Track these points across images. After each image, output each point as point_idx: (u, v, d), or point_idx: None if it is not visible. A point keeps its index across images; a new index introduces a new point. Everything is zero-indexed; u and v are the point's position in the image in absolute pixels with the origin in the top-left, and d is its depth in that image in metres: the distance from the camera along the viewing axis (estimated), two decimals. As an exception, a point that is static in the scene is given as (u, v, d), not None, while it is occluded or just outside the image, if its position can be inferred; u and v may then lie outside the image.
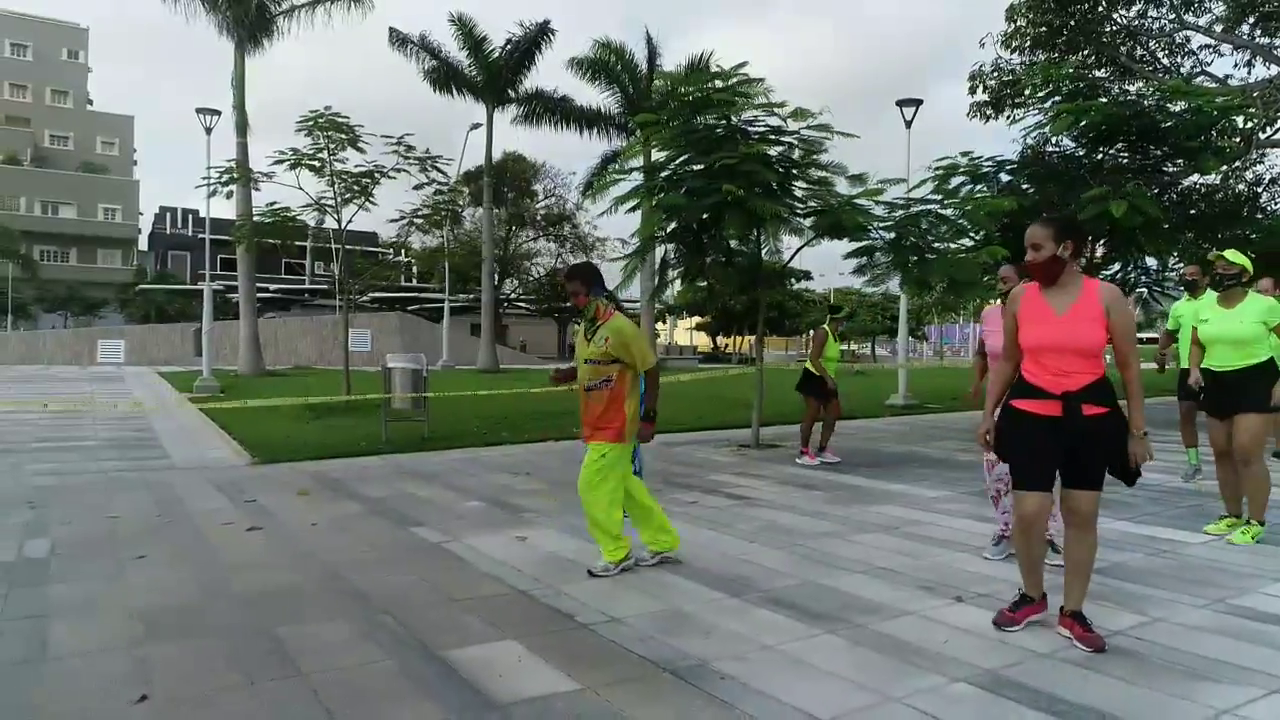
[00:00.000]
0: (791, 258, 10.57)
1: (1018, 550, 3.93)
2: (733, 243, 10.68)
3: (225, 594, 4.38)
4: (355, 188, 13.31)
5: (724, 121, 10.16)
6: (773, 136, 10.00)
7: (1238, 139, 13.67)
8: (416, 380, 10.56)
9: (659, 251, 10.74)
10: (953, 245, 10.49)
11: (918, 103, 15.71)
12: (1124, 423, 3.60)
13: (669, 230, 10.26)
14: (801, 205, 10.15)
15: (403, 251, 50.58)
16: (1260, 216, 15.82)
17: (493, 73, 28.10)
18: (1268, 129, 14.81)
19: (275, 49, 48.95)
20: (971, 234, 10.61)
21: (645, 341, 4.81)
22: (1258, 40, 15.67)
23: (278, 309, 46.33)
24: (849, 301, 42.40)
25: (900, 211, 10.09)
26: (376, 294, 42.65)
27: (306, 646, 3.60)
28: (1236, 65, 16.33)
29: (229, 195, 15.42)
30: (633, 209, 10.36)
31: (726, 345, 59.61)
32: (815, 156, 10.13)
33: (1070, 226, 3.73)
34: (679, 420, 12.41)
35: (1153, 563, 4.95)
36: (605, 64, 26.74)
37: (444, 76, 28.23)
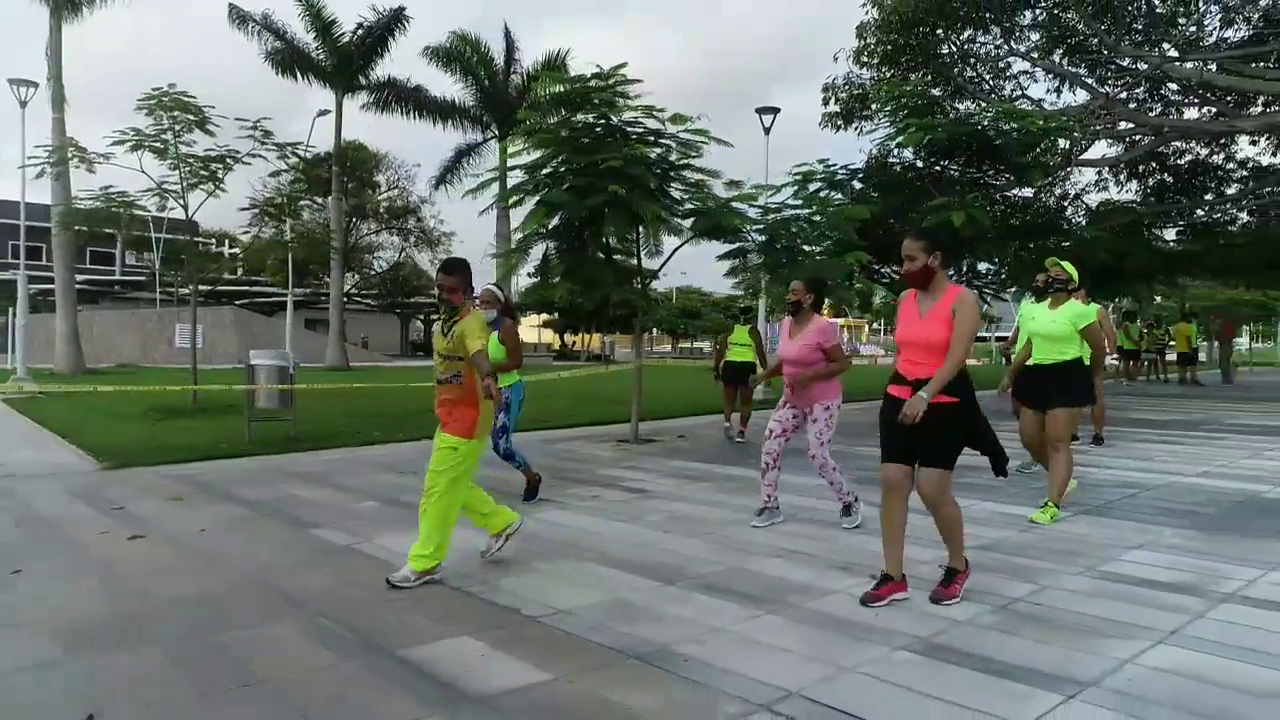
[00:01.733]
0: (669, 258, 10.86)
1: (882, 521, 4.20)
2: (612, 240, 10.85)
3: (143, 604, 4.09)
4: (204, 172, 12.48)
5: (603, 121, 10.31)
6: (652, 139, 10.24)
7: (1059, 157, 15.21)
8: (283, 378, 10.06)
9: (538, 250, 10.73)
10: (818, 249, 11.10)
11: (775, 110, 16.45)
12: (968, 413, 4.00)
13: (550, 228, 10.29)
14: (679, 206, 10.45)
15: (226, 242, 47.58)
16: (1065, 228, 17.66)
17: (343, 58, 26.90)
18: (1082, 149, 16.54)
19: (96, 18, 44.78)
20: (833, 238, 11.24)
21: (484, 340, 4.55)
22: (1067, 68, 17.43)
23: (86, 302, 42.37)
24: (699, 302, 43.54)
25: (773, 215, 10.58)
26: (205, 287, 39.85)
27: (254, 653, 3.45)
28: (1048, 90, 17.98)
29: (57, 177, 14.02)
30: (513, 204, 10.32)
31: (574, 343, 59.83)
32: (691, 160, 10.47)
33: (939, 240, 4.14)
34: (557, 417, 12.46)
35: (1026, 538, 5.49)
36: (461, 55, 26.23)
37: (288, 59, 26.76)
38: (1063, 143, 14.12)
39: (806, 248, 10.67)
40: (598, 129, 10.29)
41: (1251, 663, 3.38)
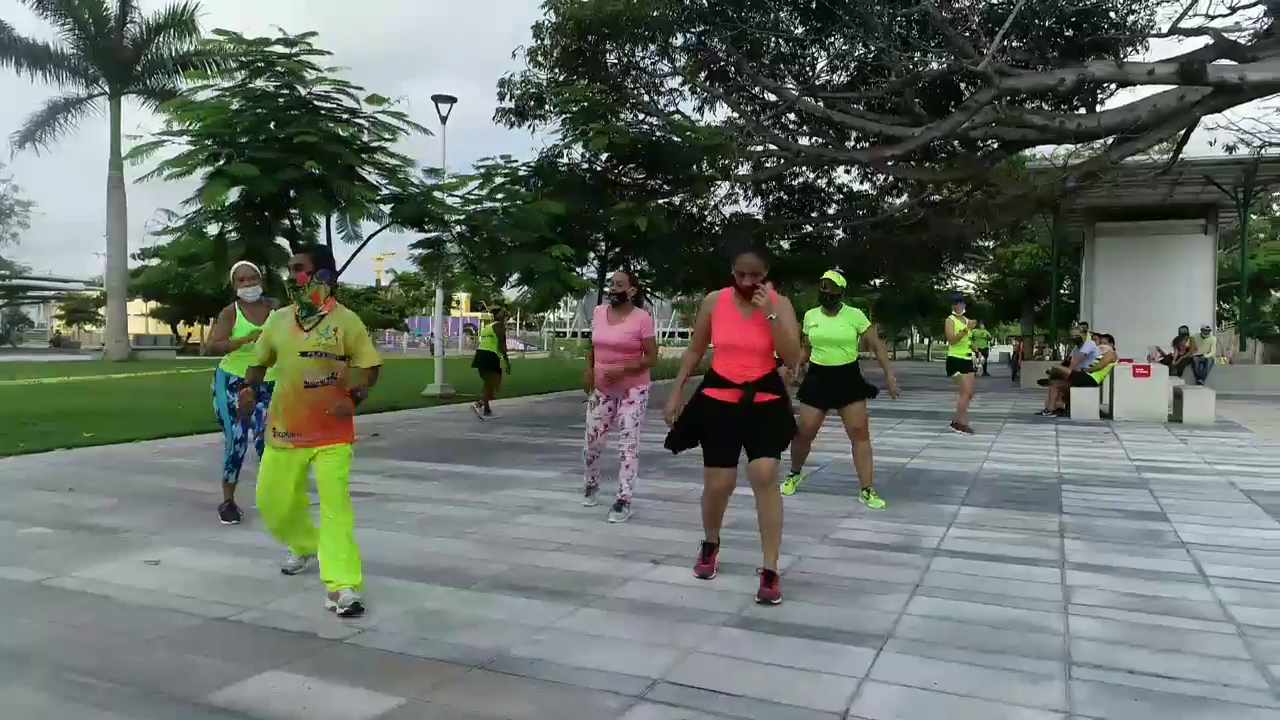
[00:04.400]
0: (364, 245, 10.19)
1: (706, 510, 4.54)
2: (296, 224, 9.95)
3: None
4: None
5: (286, 92, 9.44)
6: (345, 116, 9.58)
7: (720, 170, 16.83)
8: None
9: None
10: (516, 243, 11.16)
11: (452, 100, 16.17)
12: (787, 405, 4.45)
13: (227, 204, 9.14)
14: (375, 192, 9.89)
15: None
16: (712, 234, 19.68)
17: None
18: (738, 164, 18.45)
19: None
20: (532, 233, 11.38)
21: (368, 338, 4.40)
22: (714, 89, 19.32)
23: None
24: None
25: (474, 207, 10.43)
26: None
27: (6, 729, 2.70)
28: (694, 109, 19.78)
29: None
30: (179, 175, 8.99)
31: (190, 334, 53.29)
32: (385, 143, 9.97)
33: (768, 256, 4.48)
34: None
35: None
36: (60, -8, 22.09)
37: None
38: (720, 158, 15.64)
39: (508, 241, 10.65)
40: (280, 100, 9.40)
41: (982, 602, 4.11)
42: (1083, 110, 17.45)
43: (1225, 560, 4.91)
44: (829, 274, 6.73)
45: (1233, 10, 15.29)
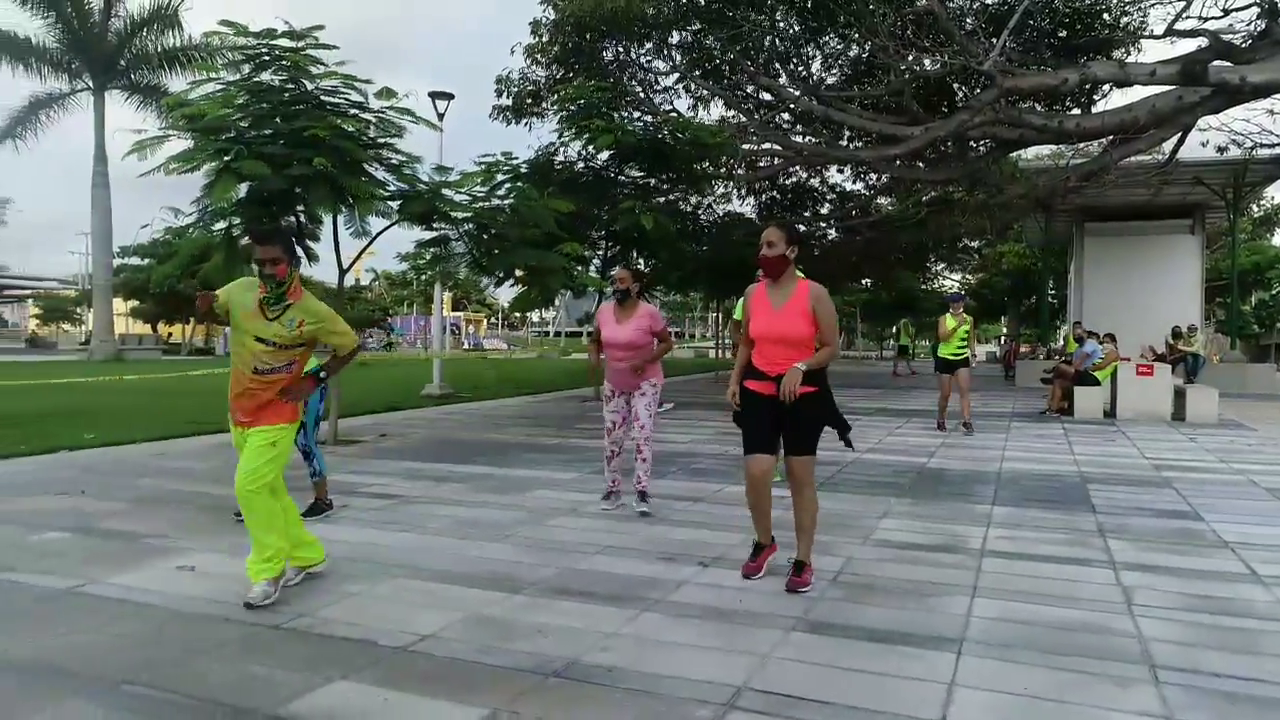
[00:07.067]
0: (371, 241, 10.01)
1: (750, 504, 4.49)
2: (303, 219, 9.76)
3: None
4: None
5: (292, 86, 9.26)
6: (354, 112, 9.41)
7: (723, 168, 16.76)
8: None
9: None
10: (523, 240, 11.01)
11: (450, 96, 15.97)
12: (827, 399, 4.37)
13: (234, 202, 8.94)
14: (382, 188, 9.71)
15: None
16: (707, 234, 19.64)
17: None
18: (739, 163, 18.41)
19: None
20: (539, 230, 11.24)
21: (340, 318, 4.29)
22: (711, 87, 19.26)
23: None
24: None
25: (482, 203, 10.28)
26: None
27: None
28: (688, 107, 19.74)
29: None
30: (185, 171, 8.78)
31: (170, 334, 52.55)
32: (391, 140, 9.80)
33: (797, 234, 4.45)
34: (219, 419, 10.86)
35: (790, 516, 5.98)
36: (41, -15, 21.66)
37: None
38: (724, 158, 15.58)
39: (516, 238, 10.51)
40: (285, 94, 9.21)
41: (1046, 604, 4.05)
42: (1077, 111, 17.57)
43: (1273, 560, 4.89)
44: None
45: (1226, 13, 15.41)
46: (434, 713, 2.85)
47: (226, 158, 8.59)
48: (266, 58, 9.08)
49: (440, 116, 15.96)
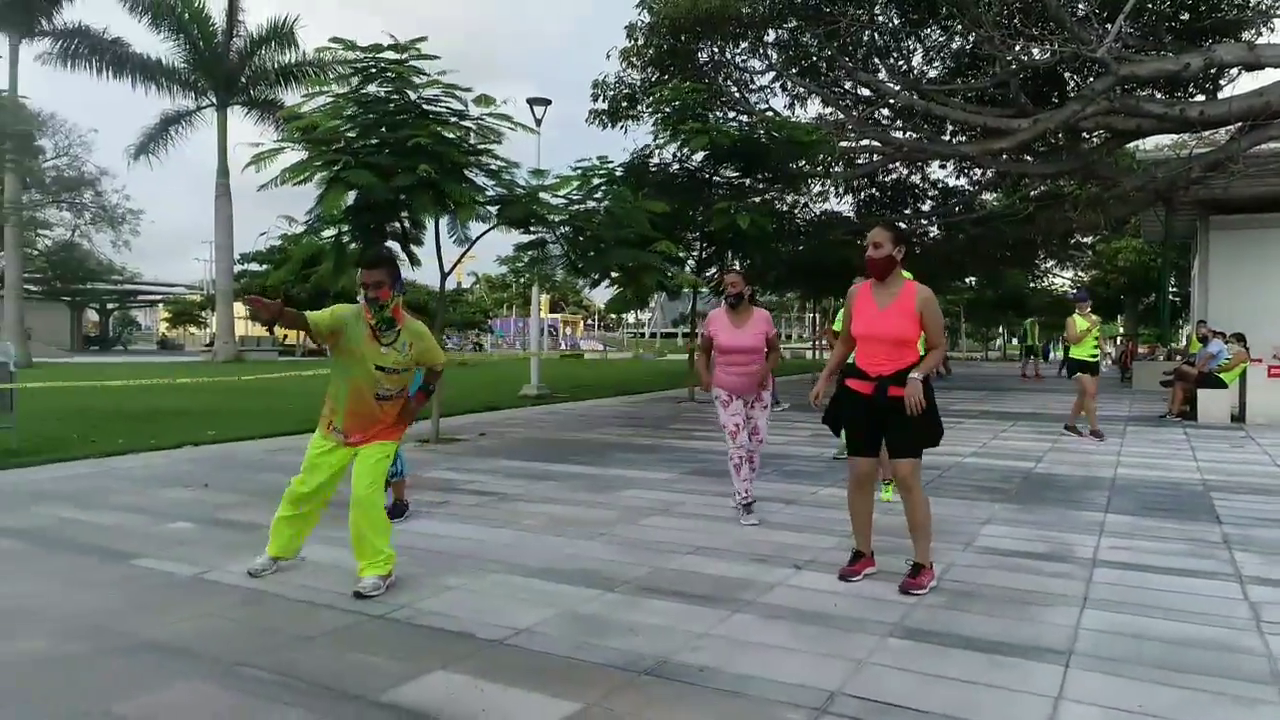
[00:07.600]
0: (471, 245, 10.30)
1: (850, 508, 4.45)
2: (406, 226, 10.11)
3: (-39, 678, 3.09)
4: None
5: (396, 96, 9.58)
6: (454, 119, 9.67)
7: (821, 167, 16.57)
8: (3, 376, 8.23)
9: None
10: (620, 241, 11.11)
11: (546, 102, 16.27)
12: (931, 404, 4.25)
13: (343, 210, 9.33)
14: (481, 194, 9.97)
15: None
16: (794, 234, 19.39)
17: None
18: (836, 161, 18.17)
19: None
20: (632, 231, 11.32)
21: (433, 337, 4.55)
22: (809, 85, 19.03)
23: None
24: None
25: (577, 206, 10.43)
26: None
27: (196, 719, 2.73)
28: (785, 105, 19.53)
29: None
30: (299, 182, 9.23)
31: (286, 336, 55.17)
32: (490, 146, 10.04)
33: (903, 234, 4.35)
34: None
35: (889, 520, 5.79)
36: (171, 8, 23.04)
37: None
38: (821, 156, 15.38)
39: (608, 239, 10.61)
40: (390, 104, 9.55)
41: (1162, 618, 3.84)
42: (1201, 97, 16.57)
43: None
44: None
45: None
46: (528, 705, 2.91)
47: (336, 168, 8.98)
48: (373, 70, 9.44)
49: (538, 122, 16.27)
